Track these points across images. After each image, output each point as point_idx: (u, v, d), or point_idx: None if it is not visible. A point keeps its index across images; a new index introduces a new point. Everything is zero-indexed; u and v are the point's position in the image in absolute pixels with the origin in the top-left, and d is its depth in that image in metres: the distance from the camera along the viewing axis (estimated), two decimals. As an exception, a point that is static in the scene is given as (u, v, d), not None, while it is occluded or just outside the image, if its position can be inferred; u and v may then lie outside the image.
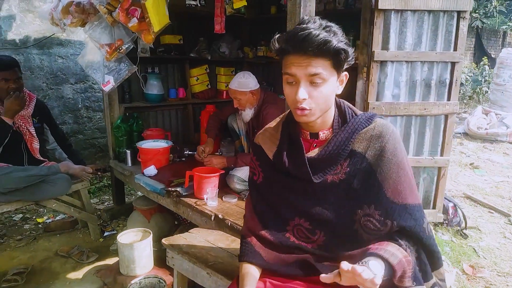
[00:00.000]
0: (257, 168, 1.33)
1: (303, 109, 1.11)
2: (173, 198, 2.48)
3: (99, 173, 3.08)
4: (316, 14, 3.42)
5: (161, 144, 3.01)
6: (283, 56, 1.12)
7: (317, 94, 1.10)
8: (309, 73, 1.07)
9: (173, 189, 2.48)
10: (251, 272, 1.23)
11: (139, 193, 3.46)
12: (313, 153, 1.21)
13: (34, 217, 3.52)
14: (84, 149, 4.31)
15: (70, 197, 3.00)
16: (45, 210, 3.57)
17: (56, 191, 2.71)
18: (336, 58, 1.07)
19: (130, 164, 3.14)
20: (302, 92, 1.08)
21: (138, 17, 1.83)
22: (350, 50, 1.10)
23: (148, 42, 1.98)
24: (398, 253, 1.07)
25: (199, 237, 1.91)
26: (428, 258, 1.16)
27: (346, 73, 1.17)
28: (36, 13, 3.53)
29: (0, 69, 2.51)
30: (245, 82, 2.56)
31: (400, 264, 1.05)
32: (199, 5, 2.75)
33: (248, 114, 2.61)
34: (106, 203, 3.87)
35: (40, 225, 3.34)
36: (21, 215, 3.54)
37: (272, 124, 1.36)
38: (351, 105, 1.26)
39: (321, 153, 1.19)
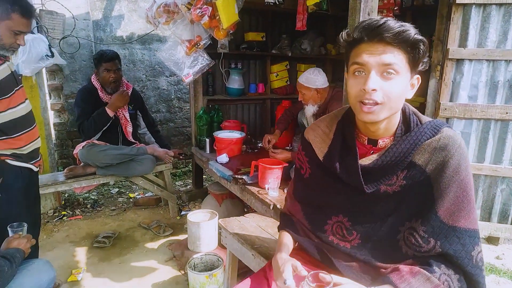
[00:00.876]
0: (305, 163, 1.28)
1: (370, 104, 1.00)
2: (239, 185, 2.64)
3: (180, 157, 3.40)
4: (403, 10, 3.29)
5: (235, 135, 3.20)
6: (353, 47, 1.04)
7: (388, 88, 0.99)
8: (383, 62, 0.98)
9: (239, 176, 2.64)
10: (287, 243, 1.25)
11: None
12: (368, 160, 1.10)
13: (128, 192, 4.03)
14: (174, 136, 4.76)
15: (155, 177, 3.38)
16: (137, 187, 4.05)
17: (142, 169, 3.08)
18: (413, 51, 0.99)
19: (208, 152, 3.41)
20: (373, 81, 0.98)
21: (209, 15, 2.01)
22: (427, 47, 1.02)
23: (219, 38, 2.15)
24: (420, 284, 1.00)
25: (252, 222, 2.03)
26: (470, 285, 1.05)
27: (418, 76, 1.08)
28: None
29: (104, 60, 2.94)
30: (312, 79, 2.60)
31: None
32: (277, 2, 2.85)
33: (310, 110, 2.65)
34: (188, 186, 4.24)
35: (131, 200, 3.81)
36: (117, 189, 4.08)
37: (325, 120, 1.26)
38: (416, 111, 1.15)
39: (377, 162, 1.09)
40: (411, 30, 0.97)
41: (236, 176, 2.67)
